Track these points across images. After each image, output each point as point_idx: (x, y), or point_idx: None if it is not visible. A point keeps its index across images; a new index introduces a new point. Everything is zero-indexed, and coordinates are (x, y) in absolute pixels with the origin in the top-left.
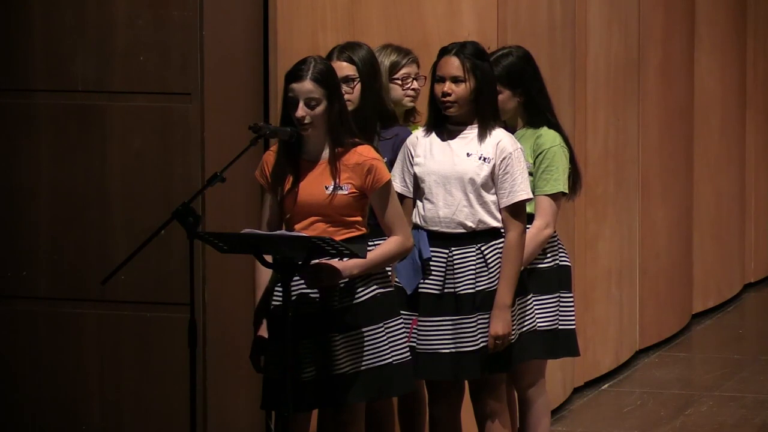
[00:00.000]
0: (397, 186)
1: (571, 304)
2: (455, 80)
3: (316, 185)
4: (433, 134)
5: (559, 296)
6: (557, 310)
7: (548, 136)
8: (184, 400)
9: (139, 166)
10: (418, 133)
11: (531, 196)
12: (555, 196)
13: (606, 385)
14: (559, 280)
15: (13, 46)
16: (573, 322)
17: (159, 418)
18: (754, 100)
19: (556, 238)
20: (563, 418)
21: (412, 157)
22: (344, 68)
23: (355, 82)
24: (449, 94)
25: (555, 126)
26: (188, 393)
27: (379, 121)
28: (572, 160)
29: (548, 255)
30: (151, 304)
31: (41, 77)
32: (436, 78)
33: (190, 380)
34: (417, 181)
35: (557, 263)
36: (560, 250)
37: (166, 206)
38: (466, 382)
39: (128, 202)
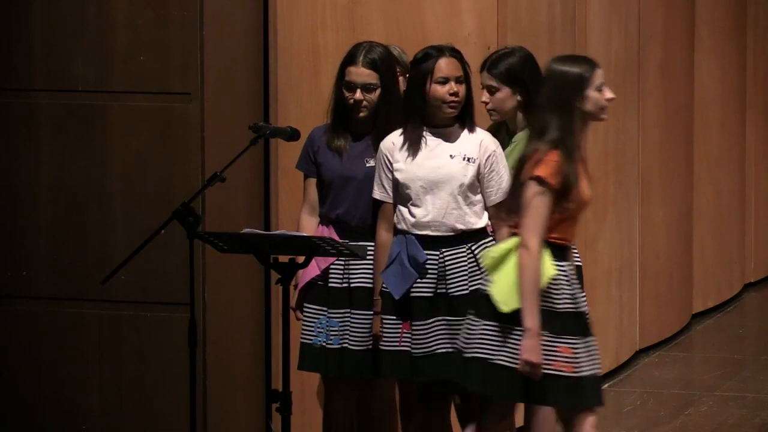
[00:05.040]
0: (375, 192)
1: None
2: (458, 80)
3: None
4: (410, 138)
5: None
6: None
7: None
8: (184, 400)
9: (139, 166)
10: (392, 138)
11: None
12: None
13: (606, 385)
14: None
15: (13, 46)
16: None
17: (159, 418)
18: (754, 100)
19: None
20: None
21: (391, 164)
22: (366, 75)
23: (376, 91)
24: (456, 94)
25: None
26: (188, 393)
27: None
28: None
29: None
30: (151, 304)
31: (41, 77)
32: (439, 79)
33: (190, 380)
34: (399, 187)
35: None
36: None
37: (166, 206)
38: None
39: (128, 202)
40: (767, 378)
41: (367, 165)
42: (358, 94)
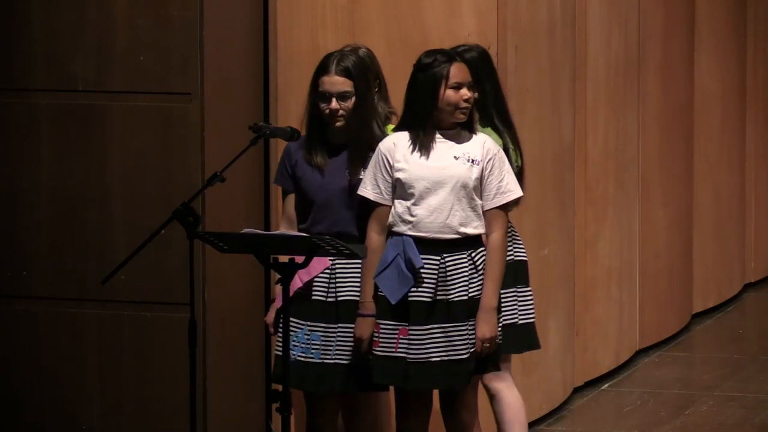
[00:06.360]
0: (369, 193)
1: (530, 298)
2: (470, 86)
3: None
4: (409, 138)
5: (516, 291)
6: (515, 304)
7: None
8: (184, 400)
9: (139, 166)
10: (393, 139)
11: (519, 194)
12: None
13: (606, 385)
14: (515, 275)
15: (13, 46)
16: (532, 316)
17: (159, 418)
18: (754, 99)
19: (510, 235)
20: (563, 418)
21: (390, 164)
22: (340, 84)
23: (351, 99)
24: (469, 100)
25: (497, 129)
26: (188, 393)
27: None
28: (519, 167)
29: None
30: (151, 304)
31: (41, 77)
32: (453, 85)
33: (190, 380)
34: (400, 187)
35: (513, 258)
36: (516, 246)
37: (166, 206)
38: (436, 395)
39: (128, 202)
40: (767, 378)
41: (348, 177)
42: (334, 104)
